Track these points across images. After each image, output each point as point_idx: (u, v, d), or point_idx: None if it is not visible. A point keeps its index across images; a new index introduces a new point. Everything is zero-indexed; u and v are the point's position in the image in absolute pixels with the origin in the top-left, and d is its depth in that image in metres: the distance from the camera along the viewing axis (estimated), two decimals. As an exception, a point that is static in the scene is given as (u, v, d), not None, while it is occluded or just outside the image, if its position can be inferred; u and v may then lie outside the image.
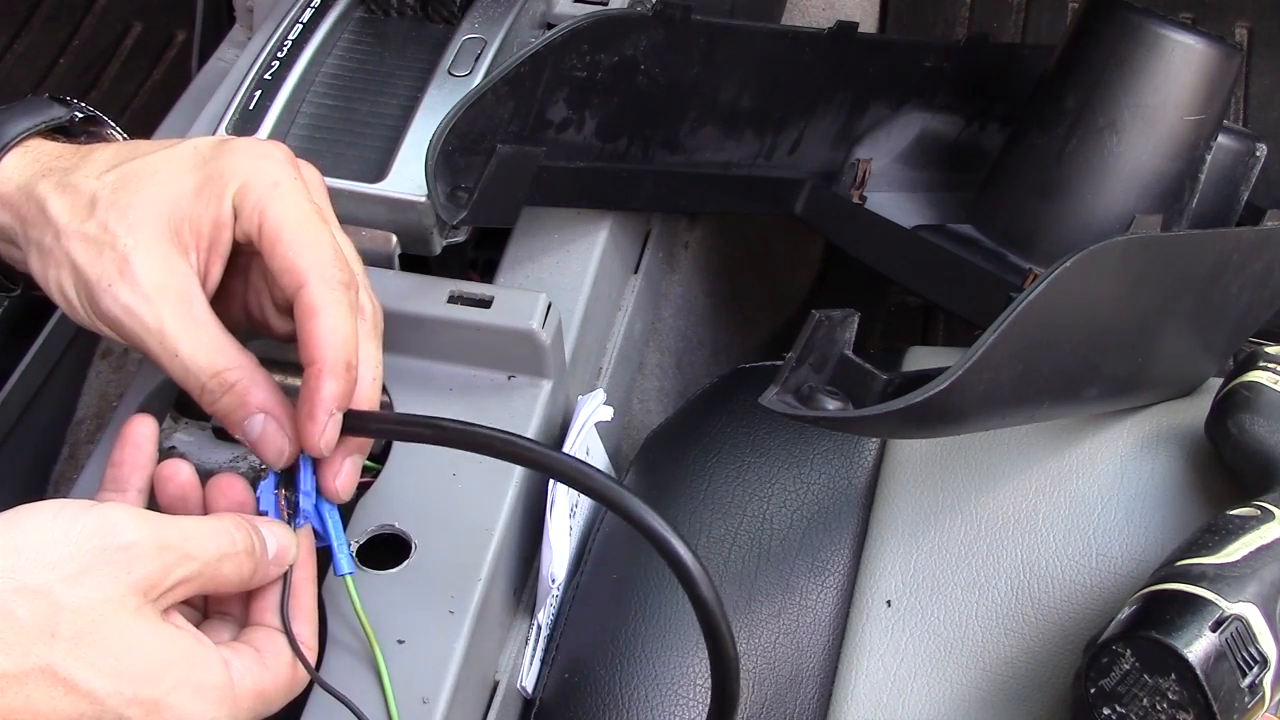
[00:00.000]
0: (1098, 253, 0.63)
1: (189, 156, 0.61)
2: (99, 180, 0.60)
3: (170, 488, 0.58)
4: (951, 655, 0.68)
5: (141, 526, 0.51)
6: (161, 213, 0.59)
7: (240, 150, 0.60)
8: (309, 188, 0.61)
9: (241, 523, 0.55)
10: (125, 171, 0.60)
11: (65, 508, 0.50)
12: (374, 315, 0.61)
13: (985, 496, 0.74)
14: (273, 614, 0.57)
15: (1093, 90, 0.90)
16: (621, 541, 0.75)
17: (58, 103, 0.66)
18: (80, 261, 0.58)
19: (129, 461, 0.59)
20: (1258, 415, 0.69)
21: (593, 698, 0.68)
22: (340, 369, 0.57)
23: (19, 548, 0.49)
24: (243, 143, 0.61)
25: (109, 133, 0.69)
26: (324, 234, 0.59)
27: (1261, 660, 0.57)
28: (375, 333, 0.61)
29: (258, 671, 0.54)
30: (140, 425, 0.59)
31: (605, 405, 0.73)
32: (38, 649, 0.47)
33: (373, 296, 0.62)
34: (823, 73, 0.92)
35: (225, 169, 0.59)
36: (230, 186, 0.59)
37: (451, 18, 0.84)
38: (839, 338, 0.64)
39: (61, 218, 0.59)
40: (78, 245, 0.58)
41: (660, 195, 0.87)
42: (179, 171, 0.60)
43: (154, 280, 0.58)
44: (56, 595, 0.48)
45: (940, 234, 0.96)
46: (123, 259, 0.58)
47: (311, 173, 0.63)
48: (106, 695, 0.48)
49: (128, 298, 0.57)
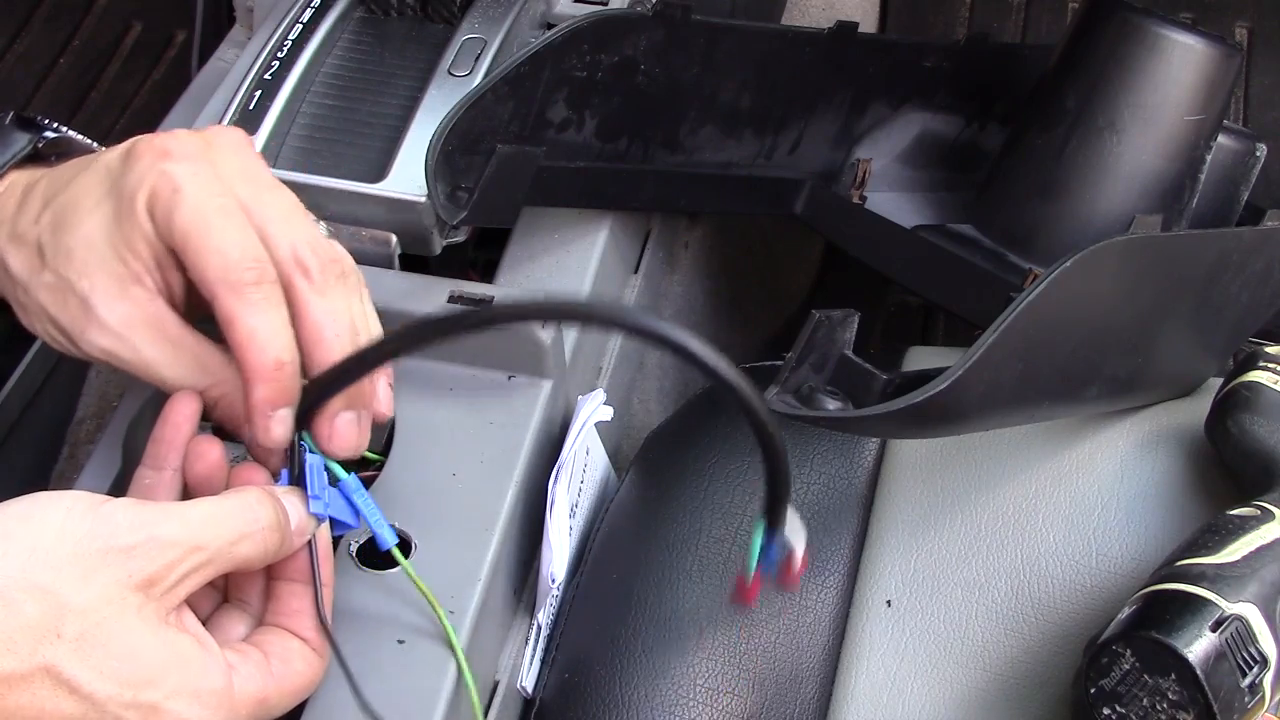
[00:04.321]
0: (1098, 253, 0.63)
1: (102, 179, 0.59)
2: (38, 225, 0.59)
3: (199, 466, 0.58)
4: (951, 655, 0.68)
5: (143, 527, 0.50)
6: (99, 247, 0.58)
7: (142, 157, 0.58)
8: (220, 174, 0.58)
9: (265, 497, 0.55)
10: (55, 210, 0.59)
11: (76, 504, 0.50)
12: (323, 268, 0.58)
13: (985, 496, 0.74)
14: (286, 616, 0.56)
15: (1093, 90, 0.90)
16: (622, 541, 0.75)
17: (20, 127, 0.65)
18: (52, 312, 0.59)
19: (168, 439, 0.58)
20: (1258, 415, 0.69)
21: (593, 698, 0.68)
22: (266, 371, 0.56)
23: (33, 547, 0.49)
24: (143, 145, 0.59)
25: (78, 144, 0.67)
26: (227, 231, 0.56)
27: (1261, 660, 0.57)
28: (330, 283, 0.58)
29: (261, 678, 0.54)
30: (181, 404, 0.59)
31: (605, 405, 0.73)
32: (43, 649, 0.47)
33: (324, 246, 0.58)
34: (823, 73, 0.92)
35: (130, 184, 0.58)
36: (139, 201, 0.57)
37: (451, 18, 0.84)
38: (839, 338, 0.64)
39: (22, 274, 0.59)
40: (45, 297, 0.59)
41: (660, 195, 0.87)
42: (98, 199, 0.59)
43: (118, 316, 0.58)
44: (63, 595, 0.48)
45: (940, 234, 0.96)
46: (84, 303, 0.58)
47: (229, 148, 0.59)
48: (106, 698, 0.48)
49: (100, 340, 0.58)
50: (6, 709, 0.47)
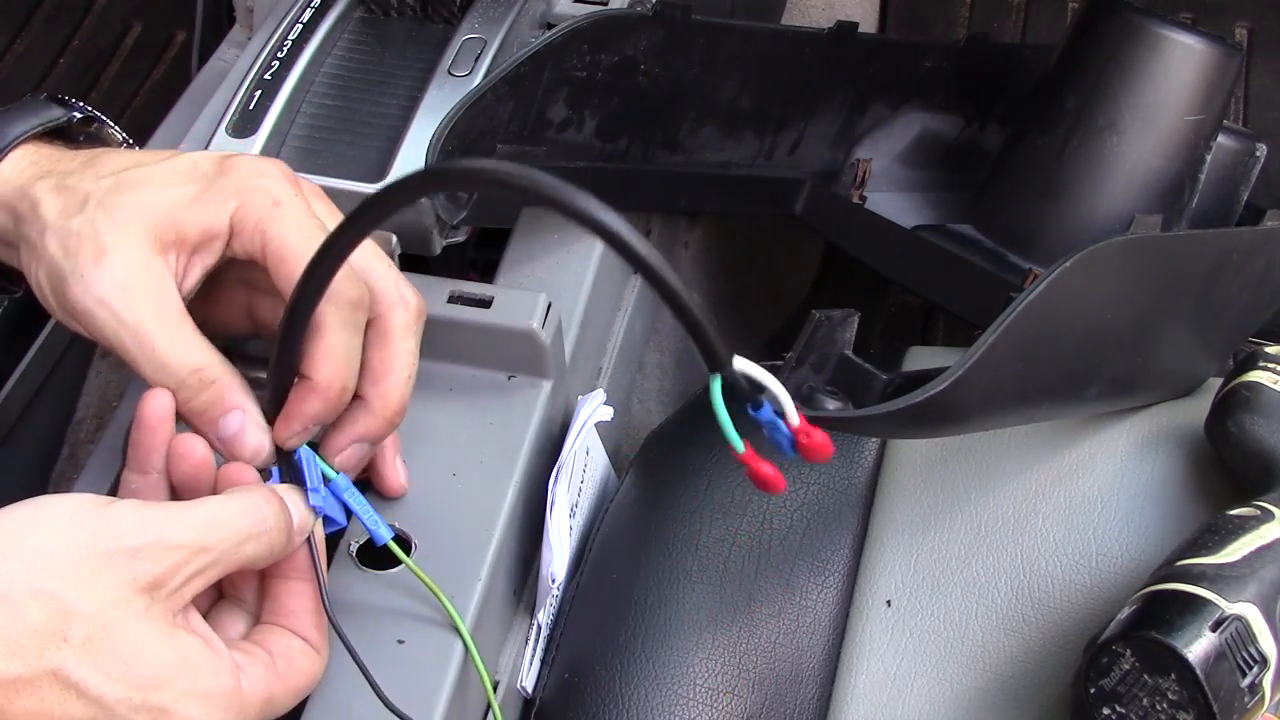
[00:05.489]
0: (1098, 253, 0.63)
1: (188, 169, 0.61)
2: (96, 184, 0.60)
3: (184, 467, 0.58)
4: (951, 655, 0.68)
5: (147, 528, 0.50)
6: (149, 215, 0.59)
7: (240, 168, 0.61)
8: (310, 204, 0.61)
9: (272, 496, 0.55)
10: (124, 177, 0.60)
11: (81, 507, 0.50)
12: (417, 306, 0.62)
13: (985, 496, 0.74)
14: (285, 615, 0.56)
15: (1092, 90, 0.90)
16: (622, 541, 0.75)
17: (56, 103, 0.66)
18: (55, 255, 0.58)
19: (146, 443, 0.58)
20: (1258, 415, 0.69)
21: (593, 698, 0.68)
22: (332, 391, 0.58)
23: (37, 550, 0.48)
24: (243, 159, 0.61)
25: (108, 132, 0.69)
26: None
27: (1261, 660, 0.57)
28: (416, 324, 0.62)
29: (268, 678, 0.54)
30: (152, 405, 0.58)
31: (605, 405, 0.73)
32: (50, 653, 0.47)
33: (414, 288, 0.62)
34: (823, 73, 0.92)
35: (225, 185, 0.60)
36: (230, 203, 0.59)
37: (451, 18, 0.84)
38: (839, 338, 0.64)
39: (50, 214, 0.59)
40: (57, 239, 0.58)
41: (660, 195, 0.87)
42: (176, 181, 0.60)
43: (131, 274, 0.58)
44: (69, 599, 0.48)
45: (940, 234, 0.96)
46: (100, 250, 0.57)
47: (312, 187, 0.64)
48: (115, 701, 0.48)
49: (101, 289, 0.57)
50: (14, 714, 0.47)
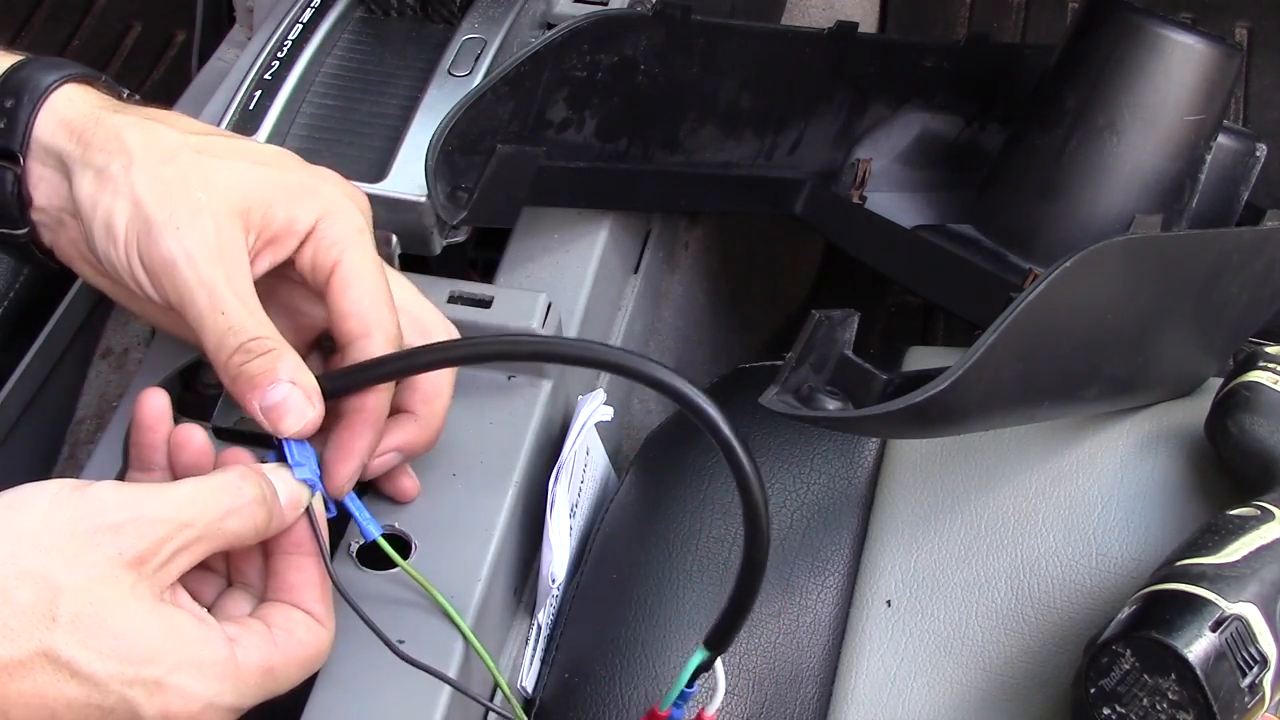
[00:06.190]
0: (1098, 253, 0.63)
1: (285, 156, 0.62)
2: (183, 137, 0.60)
3: (184, 455, 0.58)
4: (951, 655, 0.68)
5: (129, 504, 0.50)
6: (243, 188, 0.59)
7: (333, 180, 0.62)
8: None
9: (249, 472, 0.55)
10: (213, 141, 0.61)
11: (60, 490, 0.50)
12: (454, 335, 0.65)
13: (985, 496, 0.74)
14: (287, 590, 0.57)
15: (1092, 90, 0.90)
16: (621, 541, 0.75)
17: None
18: (145, 198, 0.58)
19: (146, 442, 0.59)
20: (1258, 415, 0.69)
21: (593, 698, 0.68)
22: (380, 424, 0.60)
23: (20, 533, 0.49)
24: (332, 174, 0.63)
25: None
26: (387, 290, 0.61)
27: (1261, 660, 0.57)
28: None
29: (265, 648, 0.54)
30: (149, 405, 0.59)
31: (605, 405, 0.73)
32: (39, 633, 0.47)
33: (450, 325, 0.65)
34: (823, 73, 0.92)
35: (319, 191, 0.61)
36: (319, 207, 0.60)
37: (451, 18, 0.84)
38: (839, 338, 0.64)
39: (138, 149, 0.59)
40: (148, 182, 0.58)
41: (660, 195, 0.87)
42: (273, 161, 0.61)
43: (221, 237, 0.58)
44: (55, 579, 0.48)
45: (940, 234, 0.96)
46: (196, 208, 0.57)
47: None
48: (108, 677, 0.48)
49: (192, 244, 0.57)
50: (9, 697, 0.47)
